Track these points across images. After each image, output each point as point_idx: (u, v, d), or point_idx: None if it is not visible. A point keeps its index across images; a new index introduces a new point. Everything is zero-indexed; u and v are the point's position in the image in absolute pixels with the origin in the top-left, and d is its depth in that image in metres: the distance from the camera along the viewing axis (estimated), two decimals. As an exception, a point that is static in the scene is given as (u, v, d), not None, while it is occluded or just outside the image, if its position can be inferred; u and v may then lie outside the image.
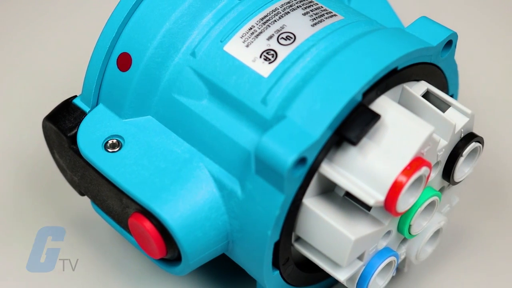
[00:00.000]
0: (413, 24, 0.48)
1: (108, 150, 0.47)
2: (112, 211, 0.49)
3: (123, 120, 0.48)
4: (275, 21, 0.47)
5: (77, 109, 0.49)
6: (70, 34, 0.69)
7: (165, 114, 0.48)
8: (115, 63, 0.48)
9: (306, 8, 0.48)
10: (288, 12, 0.47)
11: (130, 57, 0.48)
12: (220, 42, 0.47)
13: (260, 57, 0.46)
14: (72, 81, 0.59)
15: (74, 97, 0.50)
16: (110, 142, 0.48)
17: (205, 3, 0.48)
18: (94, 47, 0.49)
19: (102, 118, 0.49)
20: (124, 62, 0.48)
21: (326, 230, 0.44)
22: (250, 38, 0.46)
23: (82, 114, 0.49)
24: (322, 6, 0.48)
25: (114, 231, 0.54)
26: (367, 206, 0.45)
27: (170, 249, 0.46)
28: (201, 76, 0.47)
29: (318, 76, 0.44)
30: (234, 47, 0.46)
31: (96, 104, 0.49)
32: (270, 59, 0.46)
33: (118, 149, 0.47)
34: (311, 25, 0.47)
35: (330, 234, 0.44)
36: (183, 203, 0.45)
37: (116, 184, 0.47)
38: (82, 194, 0.52)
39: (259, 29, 0.47)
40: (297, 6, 0.48)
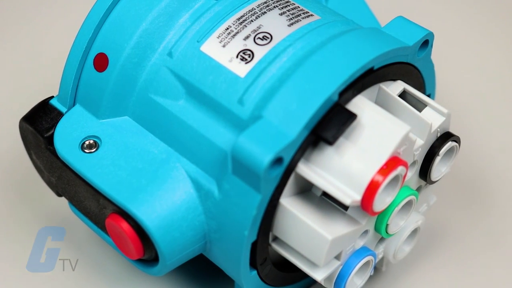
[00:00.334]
0: (389, 24, 0.48)
1: (85, 150, 0.47)
2: (89, 212, 0.49)
3: (100, 120, 0.48)
4: (252, 21, 0.47)
5: (54, 109, 0.49)
6: (47, 34, 0.69)
7: (142, 115, 0.48)
8: (92, 64, 0.48)
9: (282, 8, 0.48)
10: (264, 12, 0.47)
11: (107, 57, 0.48)
12: (196, 42, 0.47)
13: (236, 57, 0.46)
14: (49, 81, 0.59)
15: (51, 97, 0.50)
16: (87, 142, 0.48)
17: (182, 3, 0.48)
18: (71, 48, 0.49)
19: (79, 119, 0.48)
20: (100, 62, 0.48)
21: (303, 230, 0.44)
22: (226, 38, 0.46)
23: (59, 115, 0.49)
24: (298, 6, 0.48)
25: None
26: (344, 205, 0.45)
27: (147, 249, 0.46)
28: (178, 76, 0.47)
29: (294, 76, 0.44)
30: (211, 47, 0.46)
31: (73, 104, 0.49)
32: (246, 59, 0.46)
33: (95, 149, 0.47)
34: (288, 25, 0.47)
35: (307, 234, 0.44)
36: (160, 204, 0.45)
37: (93, 185, 0.47)
38: (59, 195, 0.51)
39: (236, 29, 0.47)
40: (273, 6, 0.48)
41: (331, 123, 0.43)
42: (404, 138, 0.44)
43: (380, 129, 0.44)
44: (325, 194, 0.46)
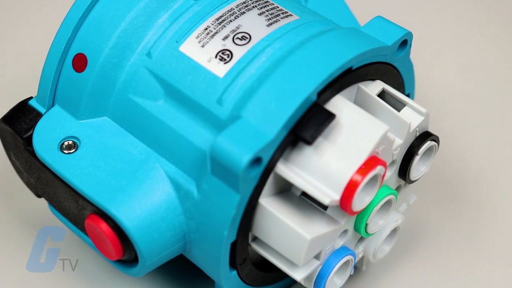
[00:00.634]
0: (368, 23, 0.48)
1: (64, 151, 0.47)
2: (68, 213, 0.49)
3: (79, 121, 0.48)
4: (231, 21, 0.47)
5: (32, 110, 0.49)
6: (26, 35, 0.68)
7: (121, 115, 0.48)
8: (71, 64, 0.48)
9: (261, 8, 0.48)
10: (243, 12, 0.47)
11: (86, 57, 0.48)
12: (175, 42, 0.47)
13: (215, 57, 0.46)
14: (28, 82, 0.58)
15: (30, 98, 0.50)
16: (66, 143, 0.47)
17: (160, 4, 0.48)
18: (49, 48, 0.49)
19: (58, 119, 0.48)
20: (79, 63, 0.48)
21: (282, 230, 0.44)
22: (205, 38, 0.46)
23: (38, 116, 0.49)
24: (277, 6, 0.48)
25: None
26: (324, 205, 0.46)
27: (126, 250, 0.46)
28: (156, 76, 0.47)
29: (273, 76, 0.44)
30: (190, 48, 0.46)
31: (52, 105, 0.49)
32: (225, 59, 0.46)
33: (74, 150, 0.47)
34: (267, 25, 0.47)
35: (286, 234, 0.44)
36: (139, 204, 0.45)
37: (72, 185, 0.46)
38: (39, 196, 0.51)
39: (215, 29, 0.47)
40: (252, 6, 0.48)
41: (310, 123, 0.43)
42: (382, 138, 0.44)
43: (358, 128, 0.44)
44: (304, 194, 0.46)
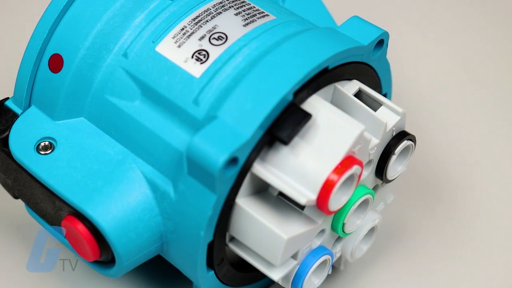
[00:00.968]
0: (344, 23, 0.48)
1: (40, 152, 0.47)
2: (45, 214, 0.49)
3: (56, 122, 0.48)
4: (207, 21, 0.47)
5: (9, 111, 0.49)
6: (2, 35, 0.68)
7: (97, 116, 0.47)
8: (47, 65, 0.48)
9: (238, 8, 0.48)
10: (220, 12, 0.47)
11: (62, 58, 0.48)
12: (152, 42, 0.47)
13: (192, 57, 0.46)
14: (5, 82, 0.58)
15: (7, 99, 0.50)
16: (42, 144, 0.47)
17: (137, 4, 0.48)
18: (25, 49, 0.48)
19: (34, 120, 0.48)
20: (55, 63, 0.48)
21: (259, 230, 0.44)
22: (182, 38, 0.46)
23: (14, 116, 0.49)
24: (254, 6, 0.48)
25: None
26: (301, 205, 0.46)
27: (103, 251, 0.46)
28: (133, 77, 0.46)
29: (249, 76, 0.44)
30: (166, 48, 0.46)
31: (28, 106, 0.49)
32: (202, 60, 0.45)
33: (50, 151, 0.47)
34: (243, 25, 0.47)
35: (263, 234, 0.44)
36: (116, 205, 0.45)
37: (48, 186, 0.46)
38: (16, 197, 0.51)
39: (191, 29, 0.47)
40: (229, 6, 0.48)
41: (286, 123, 0.43)
42: (358, 137, 0.44)
43: (334, 128, 0.44)
44: (281, 193, 0.46)
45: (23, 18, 0.68)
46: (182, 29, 0.47)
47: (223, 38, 0.46)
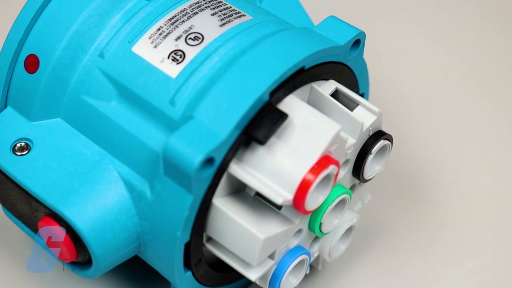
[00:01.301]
0: (321, 23, 0.48)
1: (16, 153, 0.47)
2: (22, 215, 0.48)
3: (32, 122, 0.48)
4: (184, 21, 0.47)
5: (-16, 112, 0.49)
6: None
7: (74, 116, 0.47)
8: (23, 65, 0.48)
9: (214, 8, 0.48)
10: (196, 12, 0.47)
11: (38, 59, 0.47)
12: (128, 43, 0.47)
13: (168, 57, 0.46)
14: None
15: (-18, 100, 0.50)
16: (19, 145, 0.47)
17: (113, 4, 0.48)
18: (1, 49, 0.48)
19: (10, 121, 0.48)
20: (31, 64, 0.47)
21: (235, 230, 0.44)
22: (158, 38, 0.46)
23: (-10, 118, 0.49)
24: (231, 6, 0.48)
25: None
26: (278, 205, 0.46)
27: (80, 252, 0.46)
28: (109, 77, 0.46)
29: (225, 76, 0.44)
30: (142, 48, 0.46)
31: (4, 107, 0.49)
32: (178, 60, 0.45)
33: (26, 152, 0.47)
34: (219, 25, 0.47)
35: (239, 234, 0.44)
36: (92, 206, 0.45)
37: (25, 187, 0.46)
38: (-8, 198, 0.51)
39: (167, 29, 0.47)
40: (205, 7, 0.48)
41: (262, 123, 0.43)
42: (335, 137, 0.44)
43: (311, 128, 0.44)
44: (258, 193, 0.46)
45: (1, 19, 0.68)
46: (159, 29, 0.47)
47: (199, 38, 0.46)
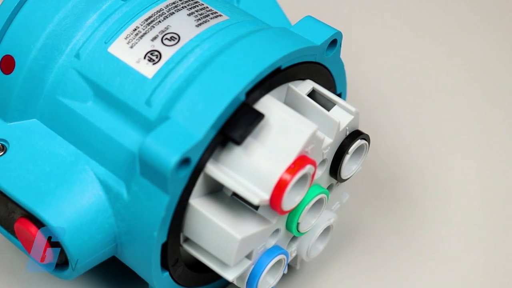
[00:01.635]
0: (298, 23, 0.48)
1: (-8, 154, 0.47)
2: (-2, 217, 0.48)
3: (8, 123, 0.48)
4: (160, 21, 0.47)
5: (-40, 113, 0.49)
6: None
7: (50, 117, 0.47)
8: (-2, 66, 0.48)
9: (191, 8, 0.48)
10: (173, 12, 0.47)
11: (13, 59, 0.47)
12: (104, 43, 0.46)
13: (144, 58, 0.46)
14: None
15: (-42, 101, 0.49)
16: (-5, 146, 0.47)
17: (89, 4, 0.47)
18: (-23, 50, 0.48)
19: (-14, 122, 0.48)
20: (7, 64, 0.47)
21: (212, 230, 0.44)
22: (134, 39, 0.46)
23: (-34, 119, 0.48)
24: (207, 7, 0.48)
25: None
26: (255, 205, 0.46)
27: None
28: (85, 78, 0.46)
29: (201, 76, 0.44)
30: (119, 48, 0.46)
31: (-20, 108, 0.49)
32: (154, 60, 0.45)
33: (2, 153, 0.47)
34: (196, 25, 0.47)
35: (216, 234, 0.44)
36: (69, 207, 0.45)
37: (0, 189, 0.46)
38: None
39: (144, 30, 0.46)
40: (182, 7, 0.48)
41: (239, 123, 0.43)
42: (311, 137, 0.44)
43: (287, 128, 0.44)
44: (235, 193, 0.46)
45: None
46: (135, 29, 0.47)
47: (176, 38, 0.46)
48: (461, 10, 0.72)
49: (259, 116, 0.44)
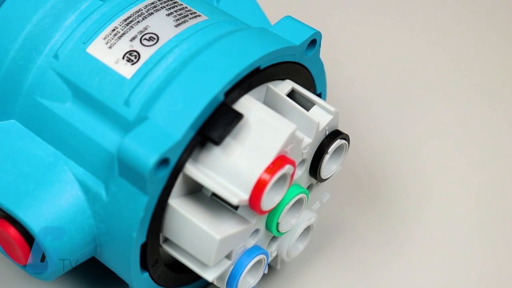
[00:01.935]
0: (277, 23, 0.48)
1: (-30, 156, 0.46)
2: (-23, 218, 0.48)
3: (-14, 124, 0.47)
4: (139, 22, 0.47)
5: None
6: None
7: (29, 118, 0.47)
8: (-24, 67, 0.47)
9: (170, 8, 0.48)
10: (152, 13, 0.47)
11: (-9, 60, 0.47)
12: (83, 43, 0.46)
13: (123, 58, 0.45)
14: None
15: None
16: (-27, 147, 0.47)
17: (67, 5, 0.47)
18: (-45, 51, 0.48)
19: (-36, 123, 0.48)
20: (-15, 65, 0.47)
21: (191, 230, 0.44)
22: (113, 39, 0.46)
23: None
24: (186, 7, 0.48)
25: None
26: (234, 205, 0.46)
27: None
28: (64, 78, 0.46)
29: (179, 76, 0.44)
30: (97, 49, 0.46)
31: (-42, 109, 0.48)
32: (133, 60, 0.45)
33: (-19, 154, 0.47)
34: (175, 25, 0.47)
35: (195, 234, 0.44)
36: (47, 208, 0.45)
37: (-21, 190, 0.46)
38: None
39: (122, 30, 0.46)
40: (161, 7, 0.48)
41: (218, 123, 0.43)
42: (290, 137, 0.44)
43: (266, 128, 0.44)
44: (215, 194, 0.46)
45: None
46: (113, 30, 0.46)
47: (155, 38, 0.46)
48: (441, 7, 0.72)
49: (238, 116, 0.44)
